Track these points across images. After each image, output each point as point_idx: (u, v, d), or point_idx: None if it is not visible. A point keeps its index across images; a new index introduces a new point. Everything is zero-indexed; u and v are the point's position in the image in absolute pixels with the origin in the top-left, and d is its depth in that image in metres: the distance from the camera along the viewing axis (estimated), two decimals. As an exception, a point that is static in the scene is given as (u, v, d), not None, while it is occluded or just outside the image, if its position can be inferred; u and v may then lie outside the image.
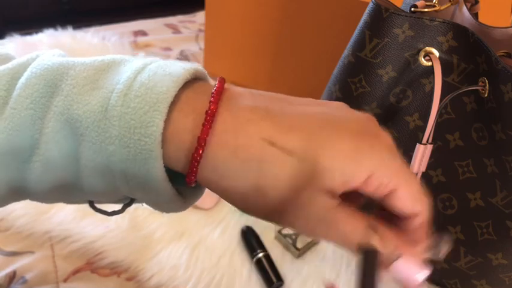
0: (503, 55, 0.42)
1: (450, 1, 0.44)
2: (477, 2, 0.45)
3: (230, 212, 0.58)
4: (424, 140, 0.42)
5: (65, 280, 0.49)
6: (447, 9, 0.44)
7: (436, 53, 0.43)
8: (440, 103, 0.41)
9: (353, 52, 0.45)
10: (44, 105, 0.25)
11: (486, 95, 0.41)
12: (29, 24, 0.98)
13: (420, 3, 0.44)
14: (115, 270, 0.51)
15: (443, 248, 0.24)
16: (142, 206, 0.28)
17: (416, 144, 0.42)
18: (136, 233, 0.54)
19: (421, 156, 0.42)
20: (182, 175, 0.26)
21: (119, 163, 0.25)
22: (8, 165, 0.25)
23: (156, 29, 1.03)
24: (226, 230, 0.56)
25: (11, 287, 0.48)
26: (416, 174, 0.43)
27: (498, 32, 0.43)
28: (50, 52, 0.28)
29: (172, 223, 0.56)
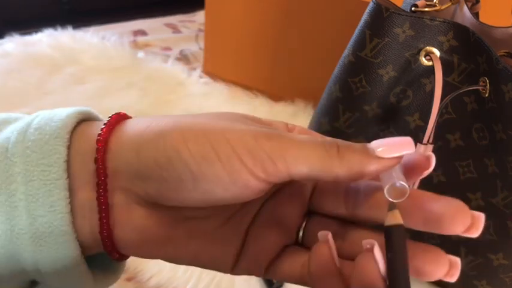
0: (504, 55, 0.42)
1: (451, 1, 0.44)
2: (478, 2, 0.45)
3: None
4: (425, 140, 0.42)
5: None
6: (448, 8, 0.44)
7: (437, 53, 0.43)
8: (441, 103, 0.41)
9: (353, 52, 0.45)
10: None
11: (487, 95, 0.41)
12: (29, 24, 0.97)
13: (421, 2, 0.44)
14: (114, 270, 0.51)
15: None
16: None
17: (416, 144, 0.42)
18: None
19: (422, 156, 0.42)
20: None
21: (22, 205, 0.22)
22: None
23: (156, 29, 1.03)
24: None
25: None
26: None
27: (499, 32, 0.43)
28: None
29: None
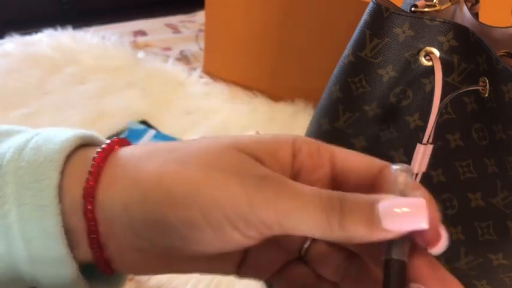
0: (503, 55, 0.42)
1: (451, 1, 0.44)
2: (477, 2, 0.45)
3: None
4: (425, 140, 0.42)
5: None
6: (447, 9, 0.44)
7: (437, 53, 0.43)
8: (440, 103, 0.41)
9: (353, 52, 0.45)
10: None
11: (487, 95, 0.41)
12: (29, 24, 0.97)
13: (420, 3, 0.44)
14: (115, 270, 0.51)
15: (406, 246, 0.22)
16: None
17: (416, 144, 0.42)
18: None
19: (422, 156, 0.42)
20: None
21: (16, 226, 0.21)
22: None
23: (156, 29, 1.03)
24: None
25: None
26: (416, 174, 0.43)
27: (499, 32, 0.43)
28: None
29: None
